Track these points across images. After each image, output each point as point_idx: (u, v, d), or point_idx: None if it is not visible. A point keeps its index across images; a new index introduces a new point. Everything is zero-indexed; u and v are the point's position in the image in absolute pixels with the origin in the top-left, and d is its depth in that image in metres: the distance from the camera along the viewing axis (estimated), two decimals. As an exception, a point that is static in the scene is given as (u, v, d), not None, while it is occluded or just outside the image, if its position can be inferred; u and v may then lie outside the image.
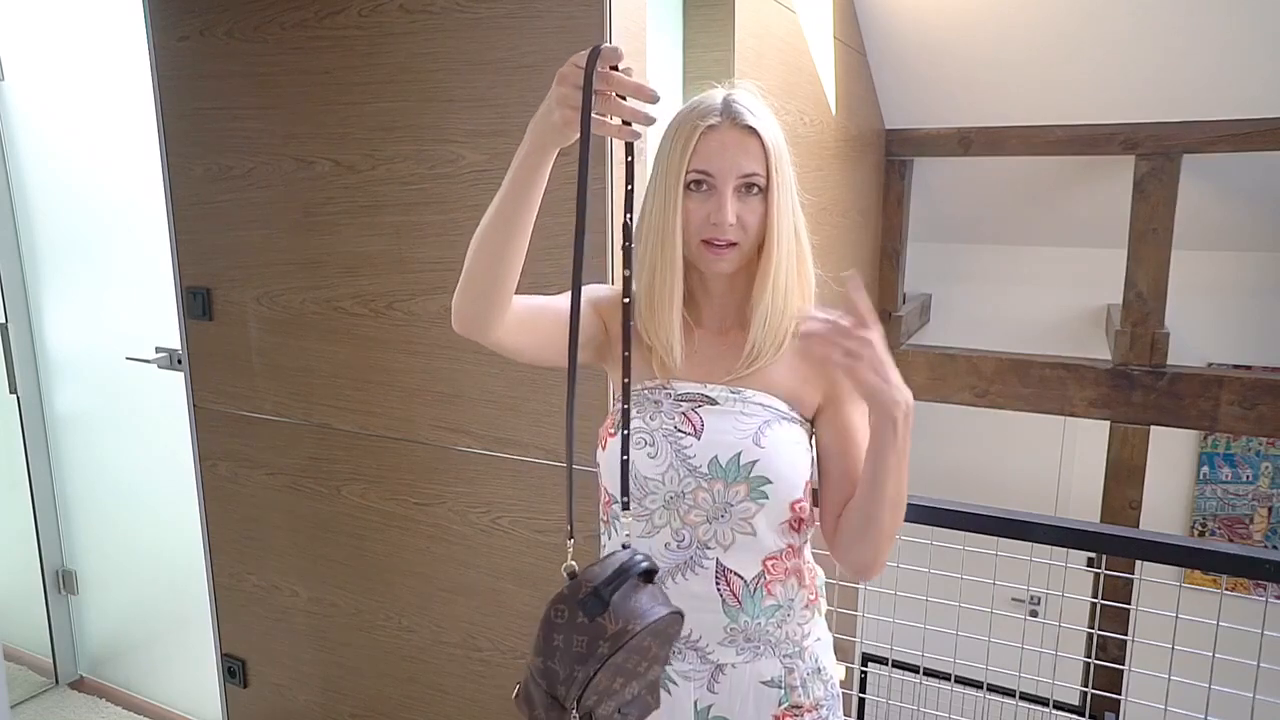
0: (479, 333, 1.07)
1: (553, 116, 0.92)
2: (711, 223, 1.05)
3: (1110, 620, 2.81)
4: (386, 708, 2.05)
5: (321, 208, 1.86)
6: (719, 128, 1.05)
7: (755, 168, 1.05)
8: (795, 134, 2.44)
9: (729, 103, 1.07)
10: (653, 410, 1.13)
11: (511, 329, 1.08)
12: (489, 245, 1.02)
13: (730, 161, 1.05)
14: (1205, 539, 4.54)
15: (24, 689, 2.79)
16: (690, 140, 1.05)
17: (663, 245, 1.08)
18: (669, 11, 2.00)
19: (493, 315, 1.05)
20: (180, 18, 1.95)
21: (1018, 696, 2.39)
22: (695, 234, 1.07)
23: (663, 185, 1.08)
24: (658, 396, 1.14)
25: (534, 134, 0.95)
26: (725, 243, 1.06)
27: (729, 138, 1.05)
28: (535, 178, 0.98)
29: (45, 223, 2.63)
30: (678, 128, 1.08)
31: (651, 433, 1.12)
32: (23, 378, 2.70)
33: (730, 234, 1.06)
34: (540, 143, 0.95)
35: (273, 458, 2.08)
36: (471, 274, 1.04)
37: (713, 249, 1.07)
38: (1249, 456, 4.47)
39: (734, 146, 1.05)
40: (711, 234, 1.06)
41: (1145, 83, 3.05)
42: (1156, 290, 3.33)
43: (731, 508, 1.10)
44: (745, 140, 1.05)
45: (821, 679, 1.19)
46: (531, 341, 1.11)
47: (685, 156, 1.05)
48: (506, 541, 1.81)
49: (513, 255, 1.02)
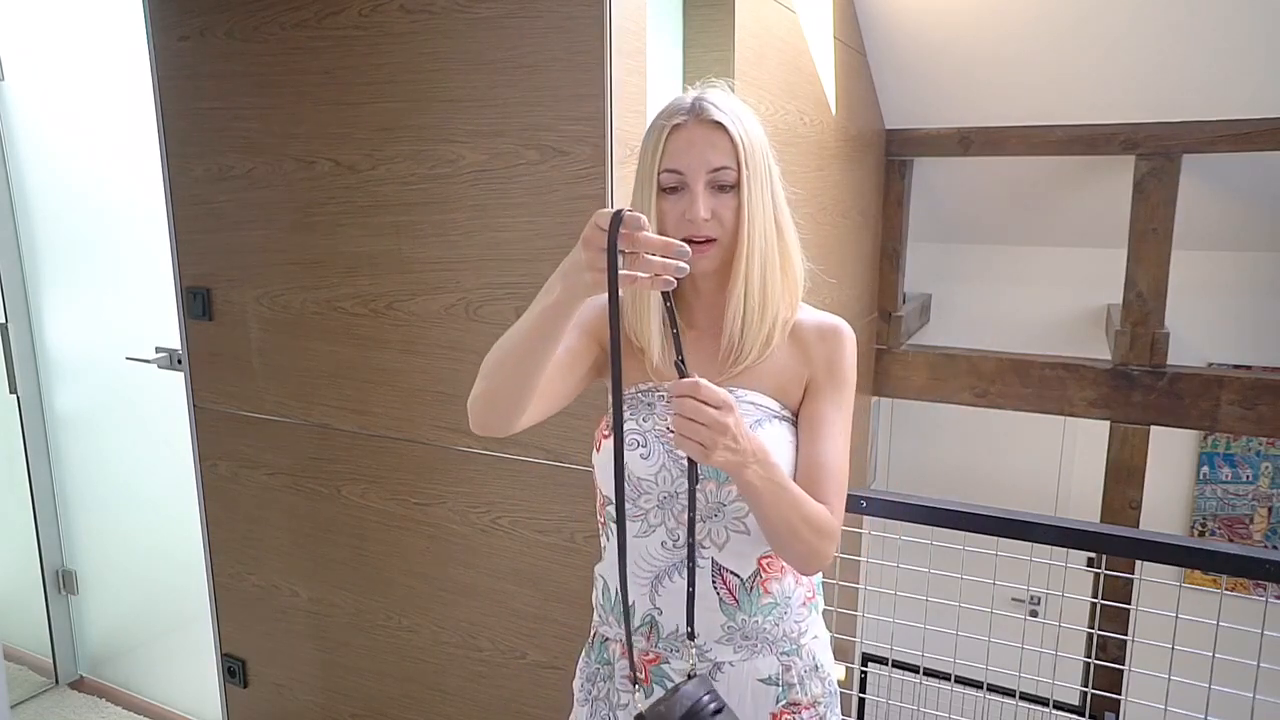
0: (501, 433, 1.09)
1: (584, 277, 0.91)
2: (687, 219, 1.05)
3: (1110, 620, 2.81)
4: (386, 708, 2.05)
5: (321, 208, 1.87)
6: (686, 125, 1.06)
7: (724, 161, 1.05)
8: (795, 134, 2.44)
9: (697, 101, 1.07)
10: (645, 412, 1.13)
11: (530, 415, 1.10)
12: (513, 371, 1.03)
13: (698, 157, 1.05)
14: (1205, 539, 4.54)
15: (24, 689, 2.79)
16: (660, 140, 1.06)
17: None
18: (669, 11, 2.00)
19: (516, 420, 1.08)
20: (180, 18, 1.95)
21: (1018, 696, 2.40)
22: (673, 234, 1.07)
23: (639, 190, 1.09)
24: (650, 399, 1.14)
25: (564, 289, 0.94)
26: (703, 239, 1.06)
27: (696, 134, 1.05)
28: (562, 322, 0.98)
29: (45, 223, 2.63)
30: (649, 132, 1.09)
31: (644, 434, 1.12)
32: (23, 378, 2.70)
33: (706, 229, 1.06)
34: (569, 296, 0.95)
35: (273, 458, 2.08)
36: (493, 392, 1.06)
37: (693, 247, 1.06)
38: (1249, 456, 4.47)
39: (701, 142, 1.05)
40: (688, 231, 1.06)
41: (1145, 83, 3.05)
42: (1156, 290, 3.33)
43: (725, 507, 1.10)
44: (712, 135, 1.05)
45: (819, 676, 1.19)
46: (546, 407, 1.13)
47: (656, 157, 1.06)
48: (507, 542, 1.81)
49: (538, 376, 1.03)
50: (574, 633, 1.77)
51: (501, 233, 1.67)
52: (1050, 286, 4.48)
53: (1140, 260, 3.33)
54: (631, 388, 1.16)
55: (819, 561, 1.08)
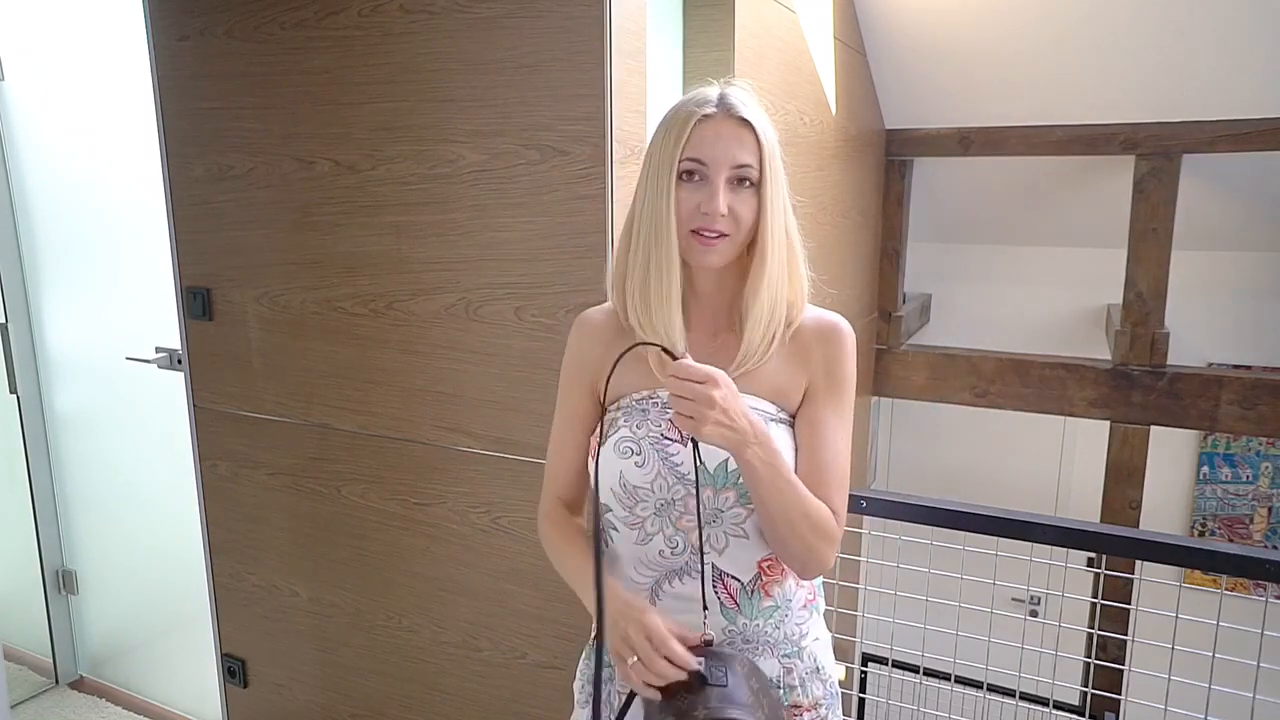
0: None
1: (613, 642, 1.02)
2: (703, 212, 1.05)
3: (1110, 620, 2.81)
4: (386, 708, 2.05)
5: (321, 208, 1.86)
6: (714, 117, 1.06)
7: (749, 159, 1.05)
8: (795, 134, 2.44)
9: (725, 95, 1.07)
10: (640, 419, 1.12)
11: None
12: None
13: (724, 151, 1.05)
14: (1205, 539, 4.54)
15: (24, 689, 2.79)
16: (685, 129, 1.05)
17: (657, 235, 1.07)
18: (669, 11, 2.00)
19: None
20: (180, 18, 1.95)
21: (1018, 696, 2.40)
22: (685, 223, 1.06)
23: (655, 175, 1.07)
24: (645, 405, 1.13)
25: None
26: (715, 234, 1.05)
27: (724, 128, 1.05)
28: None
29: (45, 223, 2.63)
30: (672, 118, 1.08)
31: (638, 441, 1.11)
32: (23, 378, 2.70)
33: (721, 224, 1.05)
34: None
35: (273, 458, 2.08)
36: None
37: (702, 239, 1.06)
38: (1249, 456, 4.47)
39: (728, 136, 1.05)
40: (702, 224, 1.05)
41: (1145, 83, 3.05)
42: (1156, 290, 3.33)
43: (722, 513, 1.10)
44: (740, 132, 1.05)
45: (820, 678, 1.18)
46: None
47: (679, 145, 1.05)
48: (507, 541, 1.81)
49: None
50: (574, 633, 1.77)
51: (501, 233, 1.67)
52: (1050, 286, 4.48)
53: (1140, 260, 3.33)
54: (626, 397, 1.16)
55: (819, 565, 1.08)
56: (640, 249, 1.10)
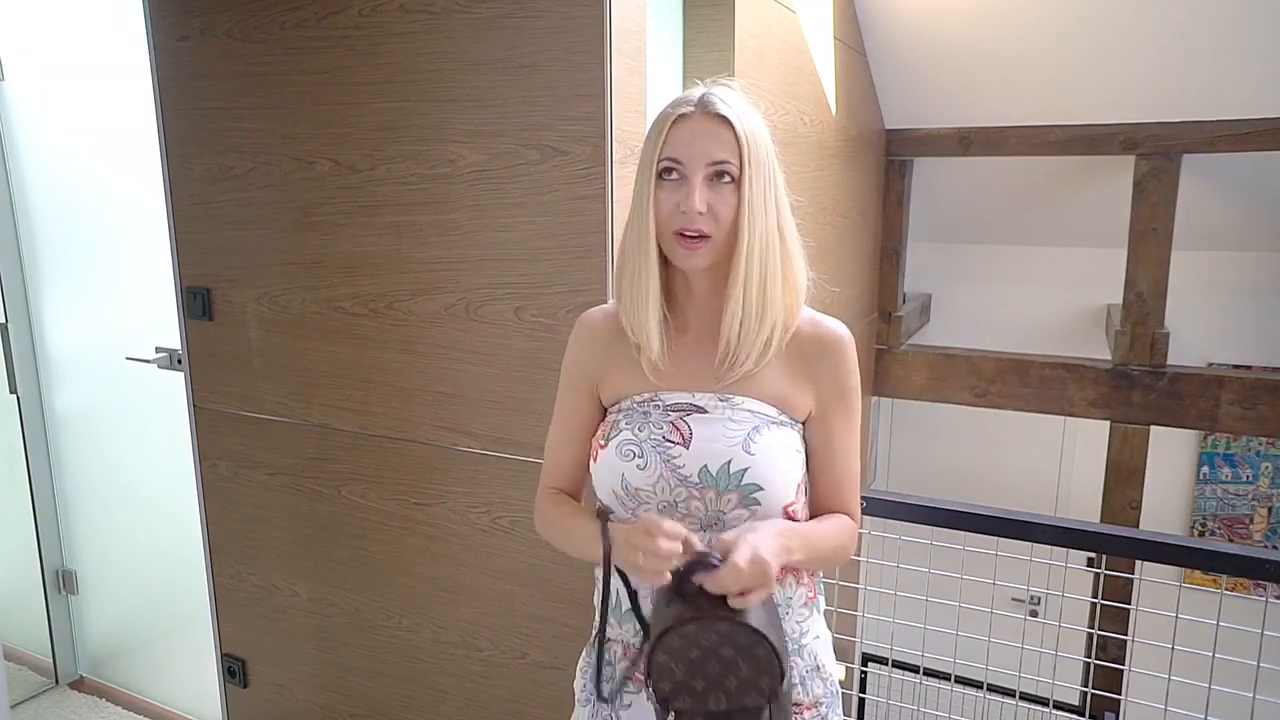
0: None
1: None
2: (681, 211, 1.05)
3: (1110, 620, 2.81)
4: (386, 708, 2.05)
5: (321, 208, 1.86)
6: (690, 116, 1.06)
7: (725, 155, 1.05)
8: (795, 134, 2.44)
9: (705, 95, 1.08)
10: (641, 421, 1.13)
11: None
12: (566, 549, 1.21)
13: (700, 149, 1.05)
14: (1205, 539, 4.54)
15: (24, 689, 2.79)
16: (663, 130, 1.07)
17: (639, 236, 1.10)
18: (669, 11, 2.00)
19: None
20: (180, 18, 1.95)
21: (1018, 696, 2.40)
22: (667, 225, 1.07)
23: (639, 179, 1.10)
24: (646, 408, 1.14)
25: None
26: (696, 233, 1.06)
27: (699, 126, 1.06)
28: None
29: (45, 223, 2.63)
30: (655, 120, 1.10)
31: (640, 443, 1.11)
32: (23, 378, 2.70)
33: (700, 223, 1.05)
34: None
35: (273, 458, 2.08)
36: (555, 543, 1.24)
37: (685, 241, 1.07)
38: (1249, 456, 4.47)
39: (704, 134, 1.05)
40: (682, 224, 1.06)
41: (1145, 83, 3.05)
42: (1156, 290, 3.33)
43: (724, 516, 1.10)
44: (716, 129, 1.05)
45: (820, 677, 1.19)
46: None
47: (658, 146, 1.07)
48: (506, 541, 1.81)
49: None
50: (574, 633, 1.77)
51: (501, 233, 1.67)
52: (1050, 286, 4.48)
53: (1140, 260, 3.33)
54: (627, 399, 1.16)
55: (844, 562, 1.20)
56: (627, 251, 1.12)
